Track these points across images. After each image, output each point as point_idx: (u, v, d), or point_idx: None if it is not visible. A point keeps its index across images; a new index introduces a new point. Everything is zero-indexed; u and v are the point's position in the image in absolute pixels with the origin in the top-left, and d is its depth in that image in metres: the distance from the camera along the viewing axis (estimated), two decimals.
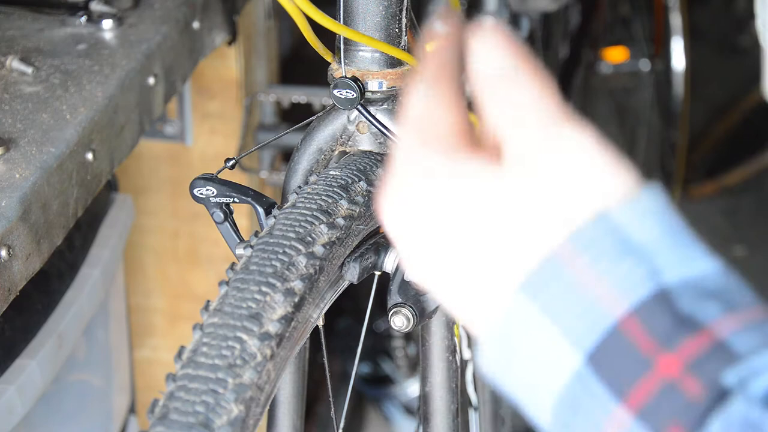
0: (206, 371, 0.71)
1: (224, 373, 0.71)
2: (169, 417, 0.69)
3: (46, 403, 1.25)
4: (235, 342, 0.72)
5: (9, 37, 1.30)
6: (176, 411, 0.69)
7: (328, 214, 0.84)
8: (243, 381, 0.71)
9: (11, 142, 1.11)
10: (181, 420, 0.68)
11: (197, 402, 0.69)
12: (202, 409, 0.69)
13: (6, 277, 1.02)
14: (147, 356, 1.75)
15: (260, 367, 0.72)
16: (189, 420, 0.68)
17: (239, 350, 0.72)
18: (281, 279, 0.76)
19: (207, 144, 1.65)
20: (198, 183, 0.93)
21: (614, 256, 0.52)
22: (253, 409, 0.71)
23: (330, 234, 0.83)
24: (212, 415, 0.69)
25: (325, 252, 0.81)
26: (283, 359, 0.75)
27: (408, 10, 0.95)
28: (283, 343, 0.75)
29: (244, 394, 0.70)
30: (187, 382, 0.70)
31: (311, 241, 0.81)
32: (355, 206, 0.87)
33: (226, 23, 1.49)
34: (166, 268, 1.72)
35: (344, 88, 0.92)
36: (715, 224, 2.90)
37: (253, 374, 0.71)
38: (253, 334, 0.73)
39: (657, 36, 2.72)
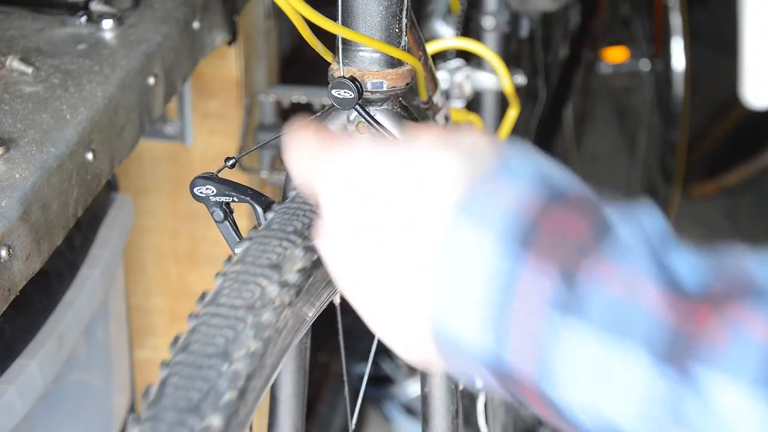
0: (227, 309, 0.75)
1: (245, 312, 0.74)
2: (190, 348, 0.73)
3: (46, 403, 1.25)
4: (255, 286, 0.76)
5: (9, 37, 1.30)
6: (197, 342, 0.73)
7: None
8: (262, 320, 0.74)
9: (11, 142, 1.11)
10: (202, 350, 0.73)
11: (218, 335, 0.73)
12: (222, 342, 0.73)
13: (6, 277, 1.02)
14: (147, 356, 1.75)
15: (279, 310, 0.76)
16: (209, 350, 0.72)
17: (259, 293, 0.76)
18: (302, 236, 0.80)
19: (207, 144, 1.65)
20: (198, 182, 0.93)
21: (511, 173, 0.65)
22: (270, 349, 0.74)
23: None
24: (232, 347, 0.73)
25: None
26: (300, 314, 0.78)
27: (408, 10, 0.95)
28: (301, 294, 0.79)
29: (262, 332, 0.74)
30: (209, 318, 0.75)
31: None
32: None
33: (226, 23, 1.49)
34: (166, 268, 1.72)
35: (342, 88, 0.92)
36: (715, 224, 2.90)
37: (272, 316, 0.75)
38: (273, 280, 0.77)
39: (657, 36, 2.71)
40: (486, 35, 1.88)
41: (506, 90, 1.49)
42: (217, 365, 0.72)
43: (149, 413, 0.70)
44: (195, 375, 0.72)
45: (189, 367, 0.72)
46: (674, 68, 2.82)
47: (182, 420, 0.69)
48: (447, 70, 1.70)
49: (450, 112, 1.23)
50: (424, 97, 1.13)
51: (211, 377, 0.72)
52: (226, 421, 0.70)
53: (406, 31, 0.95)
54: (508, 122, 1.50)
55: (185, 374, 0.72)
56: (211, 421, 0.70)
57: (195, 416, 0.70)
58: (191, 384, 0.71)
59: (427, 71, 1.10)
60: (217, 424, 0.70)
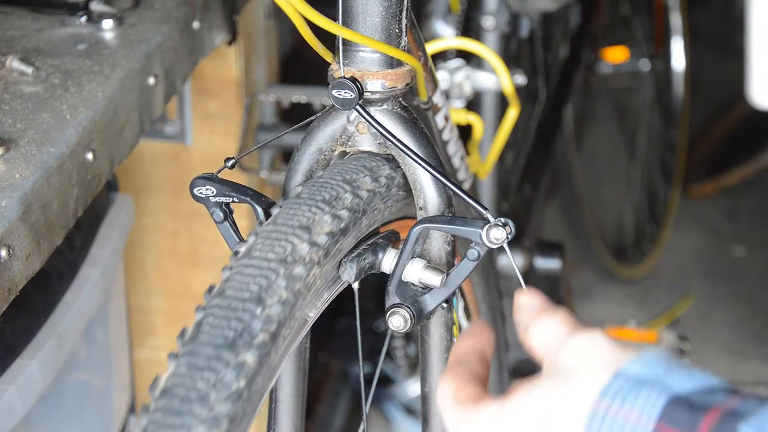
0: (260, 261, 0.80)
1: (277, 264, 0.80)
2: (225, 294, 0.78)
3: (46, 403, 1.25)
4: (287, 243, 0.82)
5: (9, 37, 1.30)
6: (232, 288, 0.78)
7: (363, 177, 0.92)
8: (294, 273, 0.80)
9: (11, 142, 1.11)
10: (237, 295, 0.77)
11: (252, 283, 0.78)
12: (256, 289, 0.78)
13: (6, 277, 1.02)
14: (147, 356, 1.75)
15: (309, 267, 0.81)
16: (244, 295, 0.77)
17: (291, 250, 0.81)
18: (330, 205, 0.86)
19: (207, 144, 1.65)
20: (198, 182, 0.93)
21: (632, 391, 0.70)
22: (300, 302, 0.80)
23: (372, 185, 0.92)
24: (265, 294, 0.78)
25: (368, 197, 0.90)
26: (326, 276, 0.85)
27: (408, 10, 0.95)
28: (328, 258, 0.84)
29: (293, 284, 0.79)
30: (242, 268, 0.80)
31: (357, 185, 0.90)
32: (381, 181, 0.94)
33: (226, 23, 1.49)
34: (166, 268, 1.72)
35: (343, 89, 0.92)
36: (715, 224, 2.90)
37: (303, 270, 0.80)
38: (303, 239, 0.82)
39: (657, 36, 2.72)
40: (486, 35, 1.88)
41: (506, 90, 1.49)
42: (251, 309, 0.77)
43: (185, 349, 0.75)
44: (230, 316, 0.76)
45: (224, 309, 0.77)
46: (674, 68, 2.82)
47: (218, 355, 0.74)
48: (447, 70, 1.70)
49: (450, 112, 1.23)
50: (424, 97, 1.13)
51: (246, 319, 0.76)
52: (259, 361, 0.75)
53: (406, 31, 0.95)
54: (508, 122, 1.50)
55: (220, 315, 0.76)
56: (246, 358, 0.74)
57: (230, 352, 0.74)
58: (227, 324, 0.76)
59: (427, 71, 1.10)
60: (251, 361, 0.74)
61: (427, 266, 0.93)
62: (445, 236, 0.96)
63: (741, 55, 1.55)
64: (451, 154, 1.26)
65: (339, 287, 0.90)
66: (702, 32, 3.33)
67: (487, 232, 0.89)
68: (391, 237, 0.96)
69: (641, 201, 2.80)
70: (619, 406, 0.70)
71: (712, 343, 2.52)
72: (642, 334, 2.14)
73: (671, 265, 2.77)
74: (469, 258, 0.91)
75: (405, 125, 0.96)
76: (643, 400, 0.70)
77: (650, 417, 0.69)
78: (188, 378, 0.74)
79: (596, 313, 2.57)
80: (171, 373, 0.75)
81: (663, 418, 0.69)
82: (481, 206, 0.90)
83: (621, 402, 0.70)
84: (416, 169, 0.95)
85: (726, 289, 2.68)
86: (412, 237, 0.92)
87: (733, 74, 2.46)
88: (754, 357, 2.49)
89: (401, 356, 2.13)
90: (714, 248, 2.82)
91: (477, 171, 1.50)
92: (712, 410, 0.68)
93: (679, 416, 0.68)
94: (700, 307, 2.62)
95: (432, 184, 0.95)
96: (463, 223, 0.90)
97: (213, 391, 0.73)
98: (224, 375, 0.74)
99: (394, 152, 0.96)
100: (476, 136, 1.47)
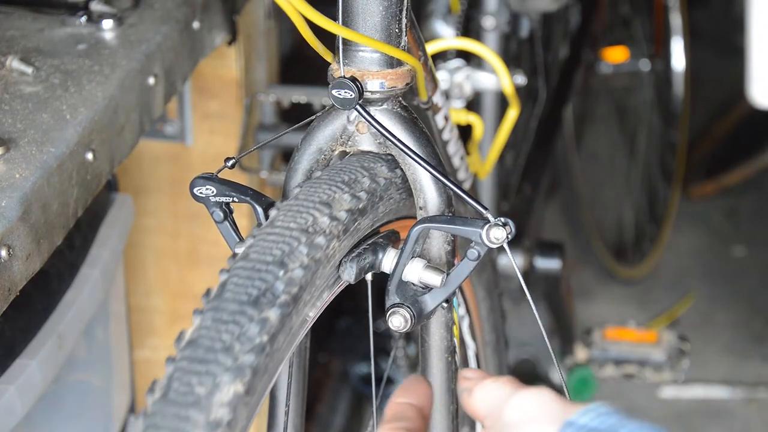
0: (282, 230, 0.84)
1: (299, 233, 0.83)
2: (249, 257, 0.81)
3: (46, 403, 1.25)
4: (308, 215, 0.85)
5: (9, 37, 1.30)
6: (255, 252, 0.81)
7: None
8: (315, 242, 0.83)
9: (11, 142, 1.11)
10: (260, 258, 0.81)
11: (275, 248, 0.82)
12: (279, 254, 0.81)
13: (6, 277, 1.02)
14: (147, 356, 1.75)
15: (329, 238, 0.84)
16: (267, 258, 0.81)
17: (312, 221, 0.85)
18: (349, 186, 0.89)
19: (207, 144, 1.65)
20: (198, 182, 0.93)
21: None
22: (320, 270, 0.83)
23: (389, 174, 0.94)
24: (287, 259, 0.81)
25: (375, 185, 0.92)
26: (344, 249, 0.88)
27: (408, 10, 0.95)
28: (347, 234, 0.87)
29: (314, 252, 0.83)
30: (265, 236, 0.83)
31: (374, 173, 0.92)
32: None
33: (226, 23, 1.49)
34: (166, 268, 1.72)
35: (342, 88, 0.92)
36: (715, 224, 2.90)
37: (323, 240, 0.84)
38: (324, 213, 0.86)
39: (657, 36, 2.72)
40: (486, 35, 1.88)
41: (506, 90, 1.49)
42: (274, 271, 0.80)
43: (210, 305, 0.78)
44: (254, 276, 0.79)
45: (248, 270, 0.80)
46: (674, 68, 2.82)
47: (242, 310, 0.77)
48: (447, 70, 1.70)
49: (450, 112, 1.23)
50: (424, 97, 1.13)
51: (269, 279, 0.79)
52: (281, 319, 0.77)
53: (406, 31, 0.95)
54: (508, 122, 1.50)
55: (244, 275, 0.79)
56: (269, 315, 0.77)
57: (254, 308, 0.77)
58: (250, 283, 0.79)
59: (427, 71, 1.10)
60: (273, 318, 0.77)
61: (427, 266, 0.93)
62: (445, 236, 0.96)
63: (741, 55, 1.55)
64: (451, 154, 1.26)
65: (339, 287, 0.90)
66: (702, 32, 3.33)
67: (487, 232, 0.89)
68: (391, 237, 0.96)
69: (641, 201, 2.80)
70: None
71: (712, 343, 2.52)
72: (642, 334, 2.14)
73: (671, 265, 2.77)
74: (469, 258, 0.91)
75: (405, 125, 0.96)
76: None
77: None
78: (213, 330, 0.76)
79: (596, 313, 2.57)
80: (196, 327, 0.77)
81: None
82: (481, 206, 0.90)
83: None
84: (416, 168, 0.95)
85: (726, 289, 2.68)
86: (412, 237, 0.92)
87: (733, 74, 2.47)
88: (754, 357, 2.49)
89: (401, 356, 2.12)
90: (714, 248, 2.82)
91: (477, 171, 1.50)
92: None
93: None
94: (700, 307, 2.62)
95: (432, 183, 0.95)
96: (463, 222, 0.90)
97: (237, 343, 0.75)
98: (248, 329, 0.76)
99: (394, 152, 0.96)
100: (476, 136, 1.47)
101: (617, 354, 2.12)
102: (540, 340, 2.32)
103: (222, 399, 0.73)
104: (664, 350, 2.12)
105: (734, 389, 2.39)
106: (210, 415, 0.72)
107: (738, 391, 2.39)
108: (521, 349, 2.30)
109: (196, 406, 0.72)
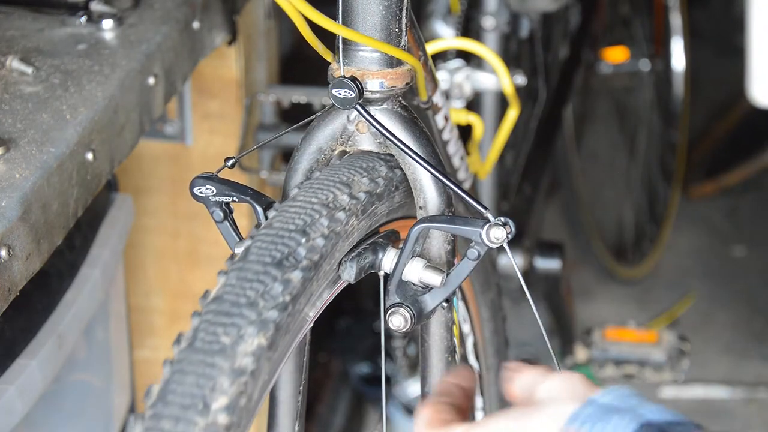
0: (304, 203, 0.86)
1: (320, 207, 0.86)
2: (273, 225, 0.84)
3: (46, 403, 1.25)
4: (329, 192, 0.88)
5: (9, 37, 1.30)
6: (279, 221, 0.84)
7: None
8: (335, 216, 0.86)
9: (11, 142, 1.11)
10: (284, 227, 0.83)
11: (297, 218, 0.85)
12: (301, 223, 0.84)
13: (6, 277, 1.02)
14: (147, 356, 1.75)
15: (348, 215, 0.87)
16: (290, 227, 0.83)
17: (332, 198, 0.87)
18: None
19: (207, 144, 1.65)
20: (198, 182, 0.93)
21: (602, 417, 0.72)
22: (339, 244, 0.86)
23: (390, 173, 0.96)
24: (309, 228, 0.84)
25: (392, 174, 0.93)
26: (362, 231, 0.90)
27: (408, 9, 0.95)
28: (365, 215, 0.89)
29: (334, 225, 0.86)
30: (287, 208, 0.86)
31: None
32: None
33: (226, 23, 1.49)
34: (166, 268, 1.72)
35: (342, 88, 0.92)
36: (715, 224, 2.90)
37: (343, 216, 0.87)
38: (344, 192, 0.88)
39: (657, 36, 2.71)
40: (486, 35, 1.88)
41: (506, 90, 1.49)
42: (296, 238, 0.83)
43: (235, 266, 0.80)
44: (277, 241, 0.82)
45: (272, 236, 0.83)
46: (674, 68, 2.82)
47: (266, 270, 0.80)
48: (447, 70, 1.70)
49: (450, 112, 1.23)
50: (424, 97, 1.13)
51: (292, 245, 0.82)
52: (302, 282, 0.80)
53: (406, 30, 0.95)
54: (508, 122, 1.50)
55: (268, 240, 0.82)
56: (292, 276, 0.80)
57: (278, 269, 0.80)
58: (274, 247, 0.82)
59: (427, 71, 1.10)
60: (296, 280, 0.80)
61: (427, 266, 0.93)
62: (445, 236, 0.96)
63: (741, 55, 1.55)
64: (451, 154, 1.26)
65: (339, 287, 0.90)
66: (702, 32, 3.33)
67: (487, 232, 0.89)
68: (391, 236, 0.96)
69: (641, 201, 2.80)
70: (589, 430, 0.72)
71: (712, 343, 2.52)
72: (642, 334, 2.14)
73: (671, 265, 2.77)
74: (469, 257, 0.91)
75: (405, 124, 0.96)
76: (613, 427, 0.71)
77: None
78: (238, 287, 0.79)
79: (596, 313, 2.57)
80: (221, 284, 0.80)
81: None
82: (481, 205, 0.90)
83: (590, 427, 0.72)
84: (416, 168, 0.95)
85: (726, 289, 2.68)
86: (412, 236, 0.92)
87: (733, 74, 2.47)
88: (754, 357, 2.49)
89: (401, 356, 2.13)
90: (714, 248, 2.82)
91: (477, 171, 1.50)
92: None
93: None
94: (700, 307, 2.62)
95: (432, 183, 0.95)
96: (463, 222, 0.90)
97: (261, 300, 0.78)
98: (272, 287, 0.79)
99: (394, 152, 0.96)
100: (476, 136, 1.47)
101: (617, 354, 2.12)
102: (540, 340, 2.32)
103: (246, 349, 0.76)
104: (664, 350, 2.12)
105: (734, 389, 2.39)
106: (235, 363, 0.75)
107: (738, 391, 2.39)
108: (521, 349, 2.31)
109: (221, 353, 0.75)
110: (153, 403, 0.74)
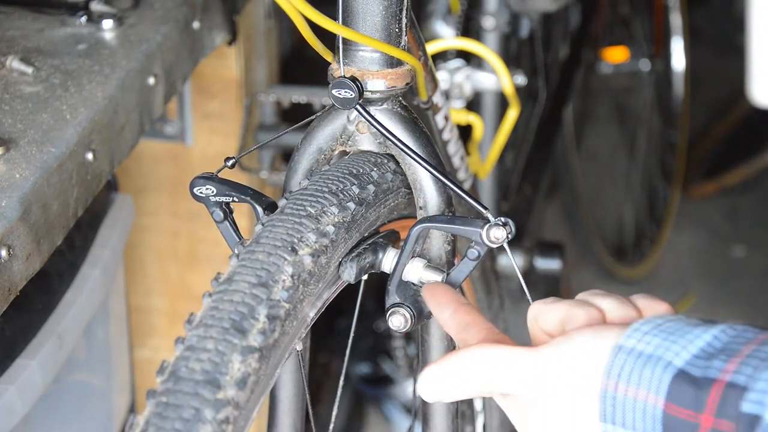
0: (315, 192, 0.89)
1: (331, 196, 0.89)
2: (285, 211, 0.86)
3: (46, 403, 1.25)
4: (340, 183, 0.90)
5: (9, 37, 1.30)
6: (290, 208, 0.87)
7: None
8: (346, 206, 0.89)
9: (11, 142, 1.11)
10: (295, 213, 0.86)
11: (307, 206, 0.87)
12: (313, 211, 0.87)
13: (6, 277, 1.02)
14: (147, 356, 1.75)
15: (357, 204, 0.90)
16: (301, 213, 0.86)
17: (343, 187, 0.90)
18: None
19: (207, 144, 1.65)
20: (198, 182, 0.93)
21: (635, 368, 0.74)
22: (343, 235, 0.88)
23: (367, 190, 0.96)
24: (320, 216, 0.87)
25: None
26: (367, 223, 0.92)
27: (408, 10, 0.95)
28: (372, 208, 0.92)
29: (345, 214, 0.88)
30: (299, 195, 0.88)
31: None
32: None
33: (226, 23, 1.49)
34: (166, 268, 1.72)
35: (343, 88, 0.92)
36: (715, 224, 2.90)
37: (353, 205, 0.89)
38: (354, 183, 0.91)
39: (657, 36, 2.71)
40: (486, 35, 1.88)
41: (506, 90, 1.49)
42: (307, 224, 0.86)
43: (246, 250, 0.83)
44: (288, 226, 0.85)
45: (282, 221, 0.86)
46: (674, 68, 2.82)
47: (278, 253, 0.82)
48: (447, 70, 1.70)
49: (450, 112, 1.23)
50: (424, 97, 1.13)
51: (303, 231, 0.85)
52: (314, 263, 0.84)
53: (406, 31, 0.95)
54: (508, 122, 1.50)
55: (279, 224, 0.85)
56: (303, 259, 0.83)
57: (289, 252, 0.83)
58: (285, 232, 0.84)
59: (427, 71, 1.10)
60: (308, 262, 0.83)
61: (428, 266, 0.93)
62: (445, 236, 0.96)
63: (741, 55, 1.54)
64: (451, 154, 1.26)
65: (339, 287, 0.90)
66: (702, 32, 3.33)
67: (487, 232, 0.89)
68: (391, 236, 0.96)
69: (641, 201, 2.80)
70: (626, 385, 0.73)
71: None
72: None
73: (671, 265, 2.77)
74: (469, 257, 0.91)
75: (405, 125, 0.96)
76: (648, 379, 0.73)
77: (658, 396, 0.72)
78: (250, 269, 0.81)
79: None
80: (234, 266, 0.82)
81: (670, 396, 0.72)
82: (481, 205, 0.90)
83: (627, 380, 0.73)
84: (416, 168, 0.95)
85: (726, 289, 2.68)
86: (412, 236, 0.92)
87: (733, 74, 2.47)
88: None
89: (401, 356, 2.13)
90: (714, 248, 2.82)
91: (477, 171, 1.50)
92: (715, 385, 0.71)
93: (685, 395, 0.72)
94: (700, 307, 2.62)
95: (432, 183, 0.95)
96: (463, 222, 0.90)
97: (272, 282, 0.81)
98: (284, 268, 0.82)
99: (394, 152, 0.96)
100: (476, 136, 1.47)
101: None
102: None
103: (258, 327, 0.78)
104: None
105: None
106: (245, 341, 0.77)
107: None
108: None
109: (236, 330, 0.77)
110: (165, 380, 0.75)
